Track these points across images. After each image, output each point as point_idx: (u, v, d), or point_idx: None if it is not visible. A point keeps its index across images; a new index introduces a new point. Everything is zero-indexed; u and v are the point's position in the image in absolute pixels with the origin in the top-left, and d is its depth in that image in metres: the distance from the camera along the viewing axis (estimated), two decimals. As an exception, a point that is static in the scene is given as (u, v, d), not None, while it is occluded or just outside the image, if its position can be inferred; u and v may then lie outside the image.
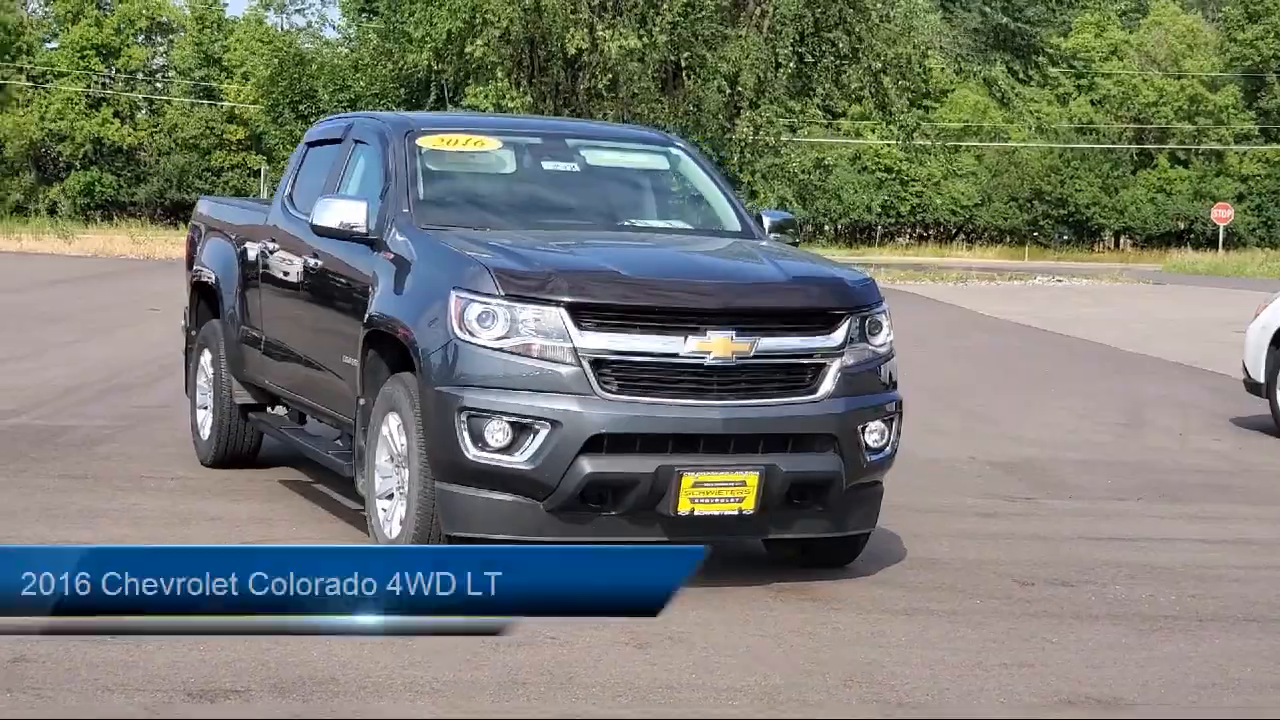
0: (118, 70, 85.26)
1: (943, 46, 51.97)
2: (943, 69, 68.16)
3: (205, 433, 11.19)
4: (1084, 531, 10.17)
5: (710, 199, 9.68)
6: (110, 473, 10.74)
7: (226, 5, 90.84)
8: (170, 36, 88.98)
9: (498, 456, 7.73)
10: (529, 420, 7.70)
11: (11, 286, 30.41)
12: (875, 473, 8.37)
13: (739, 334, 7.89)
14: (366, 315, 8.53)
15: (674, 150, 9.92)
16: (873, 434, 8.27)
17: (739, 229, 9.47)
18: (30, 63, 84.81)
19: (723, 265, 8.58)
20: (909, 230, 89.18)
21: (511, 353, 7.76)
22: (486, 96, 43.71)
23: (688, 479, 7.76)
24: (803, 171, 47.36)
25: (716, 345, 7.84)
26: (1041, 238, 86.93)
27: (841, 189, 75.71)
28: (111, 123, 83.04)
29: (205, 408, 11.23)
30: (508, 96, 43.72)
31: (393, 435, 8.24)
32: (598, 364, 7.75)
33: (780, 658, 7.08)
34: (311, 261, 9.49)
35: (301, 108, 47.15)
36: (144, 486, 10.34)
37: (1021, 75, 62.29)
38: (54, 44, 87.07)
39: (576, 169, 9.58)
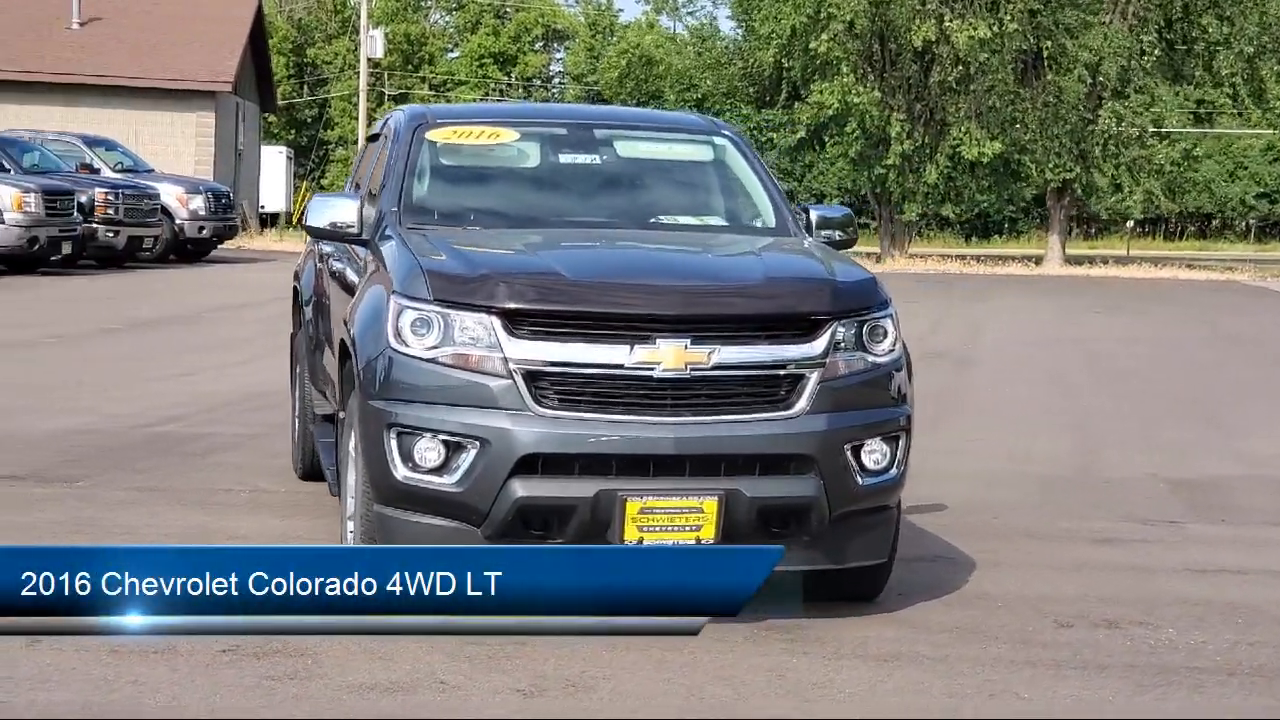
0: (515, 77, 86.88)
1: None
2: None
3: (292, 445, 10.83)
4: (1196, 562, 9.01)
5: (752, 193, 8.81)
6: (192, 484, 10.40)
7: (621, 11, 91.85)
8: (565, 43, 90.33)
9: (429, 478, 7.06)
10: (459, 438, 7.02)
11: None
12: (875, 498, 7.41)
13: (694, 342, 7.06)
14: (343, 322, 7.99)
15: (719, 140, 9.05)
16: (870, 454, 7.34)
17: (774, 225, 8.59)
18: (432, 72, 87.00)
19: (693, 266, 7.75)
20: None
21: (444, 364, 7.08)
22: (832, 92, 42.86)
23: (633, 505, 6.96)
24: (1171, 164, 45.18)
25: (667, 355, 7.02)
26: None
27: (1212, 182, 71.70)
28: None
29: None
30: (853, 91, 42.79)
31: (356, 453, 7.65)
32: (534, 376, 7.01)
33: (675, 708, 6.25)
34: (335, 265, 9.00)
35: (648, 108, 46.99)
36: (209, 500, 9.96)
37: None
38: (455, 53, 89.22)
39: (599, 161, 8.83)
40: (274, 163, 61.11)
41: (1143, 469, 12.08)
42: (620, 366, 7.01)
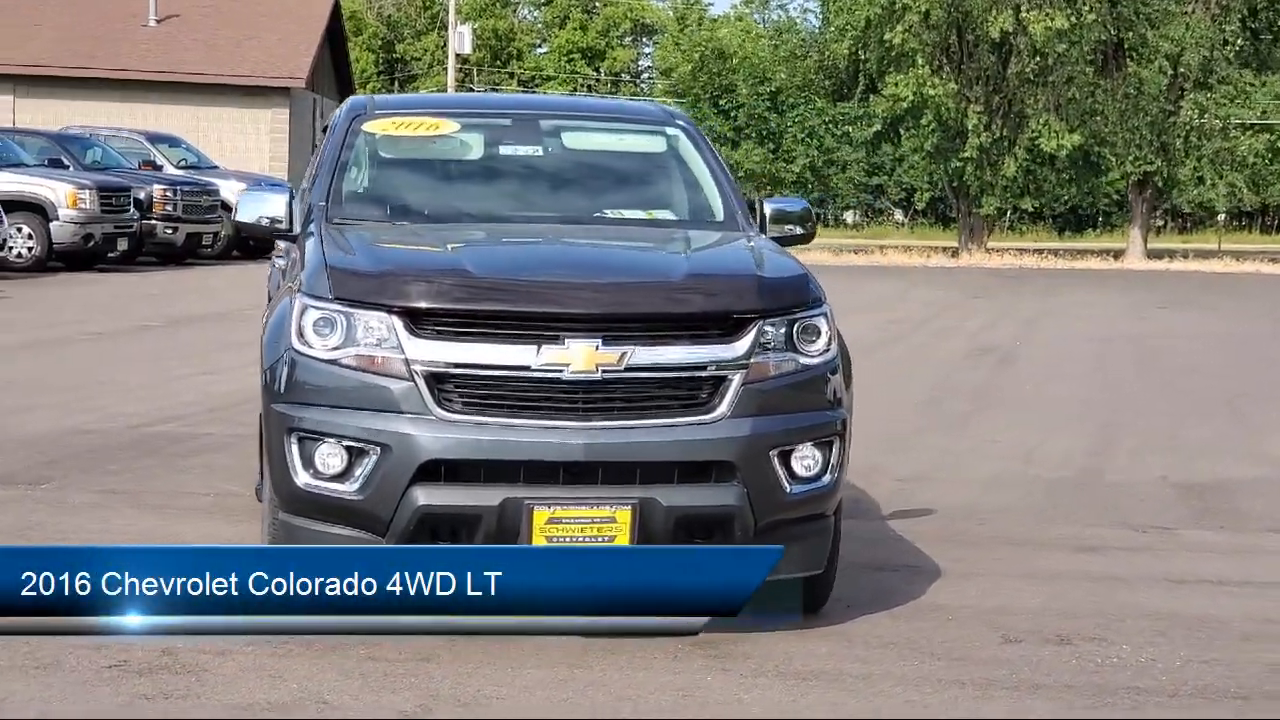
0: (604, 73, 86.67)
1: None
2: None
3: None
4: (1176, 572, 8.57)
5: (703, 185, 8.42)
6: (160, 488, 10.15)
7: (711, 4, 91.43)
8: (653, 37, 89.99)
9: (330, 485, 6.74)
10: (360, 444, 6.70)
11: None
12: (807, 507, 7.02)
13: (606, 343, 6.70)
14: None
15: (672, 130, 8.65)
16: (801, 461, 6.96)
17: (722, 219, 8.22)
18: (520, 67, 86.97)
19: (615, 263, 7.39)
20: None
21: (346, 366, 6.76)
22: (906, 85, 42.30)
23: (540, 514, 6.62)
24: (1255, 156, 44.29)
25: (577, 356, 6.67)
26: None
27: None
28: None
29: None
30: (928, 84, 42.22)
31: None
32: (437, 379, 6.68)
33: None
34: (279, 263, 8.73)
35: (721, 102, 46.59)
36: (170, 504, 9.71)
37: None
38: (543, 49, 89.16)
39: (543, 154, 8.49)
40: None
41: (1154, 471, 11.63)
42: (527, 368, 6.67)
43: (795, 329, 7.01)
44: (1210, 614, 7.74)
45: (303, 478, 6.76)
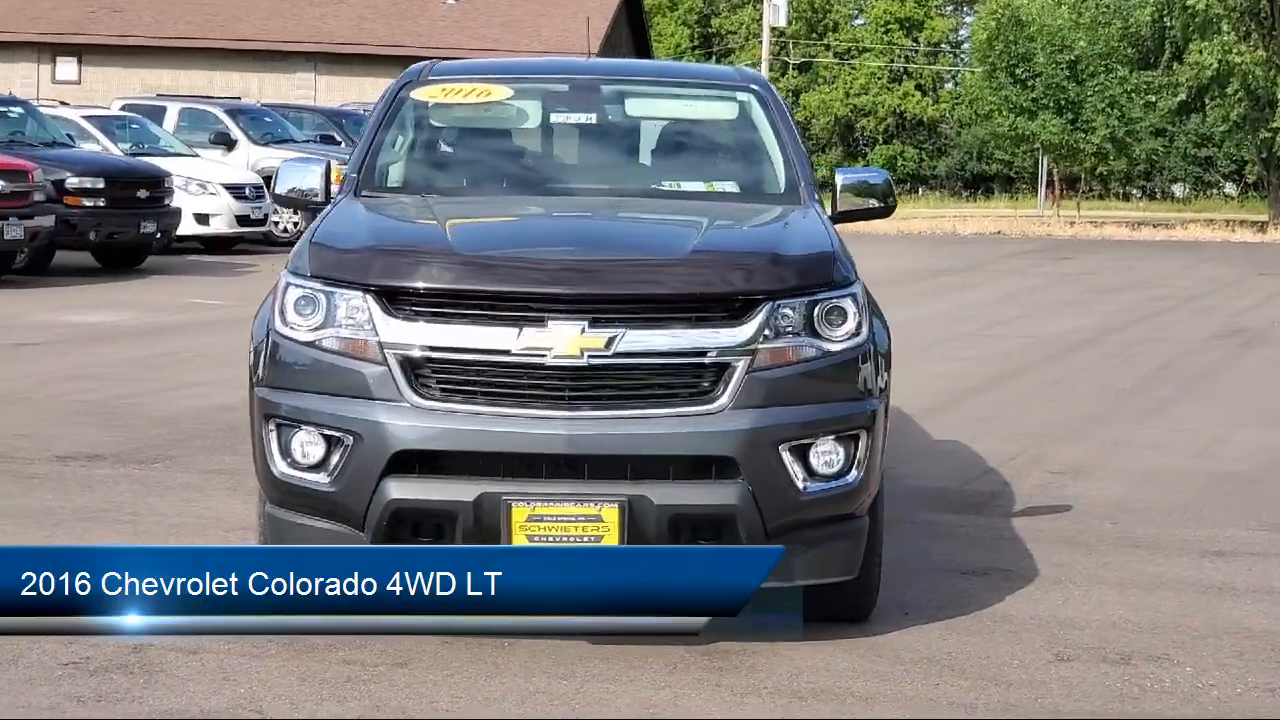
0: (922, 43, 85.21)
1: None
2: None
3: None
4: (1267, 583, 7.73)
5: (770, 155, 7.78)
6: (212, 466, 9.84)
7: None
8: (974, 6, 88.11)
9: (307, 475, 6.33)
10: (334, 432, 6.27)
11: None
12: (828, 507, 6.37)
13: (593, 325, 6.15)
14: None
15: (743, 95, 8.00)
16: (820, 456, 6.33)
17: (783, 191, 7.57)
18: (837, 39, 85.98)
19: (618, 239, 6.81)
20: None
21: (324, 348, 6.33)
22: (1210, 52, 40.48)
23: (519, 511, 6.11)
24: None
25: (560, 340, 6.13)
26: None
27: None
28: (913, 95, 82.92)
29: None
30: (1234, 51, 40.34)
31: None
32: (413, 363, 6.21)
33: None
34: None
35: (1018, 71, 45.16)
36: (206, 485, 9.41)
37: None
38: (860, 20, 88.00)
39: (601, 121, 7.94)
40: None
41: (1191, 462, 10.73)
42: (507, 352, 6.16)
43: (817, 312, 6.38)
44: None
45: (280, 467, 6.37)
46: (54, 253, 22.13)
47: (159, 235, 23.04)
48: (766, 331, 6.25)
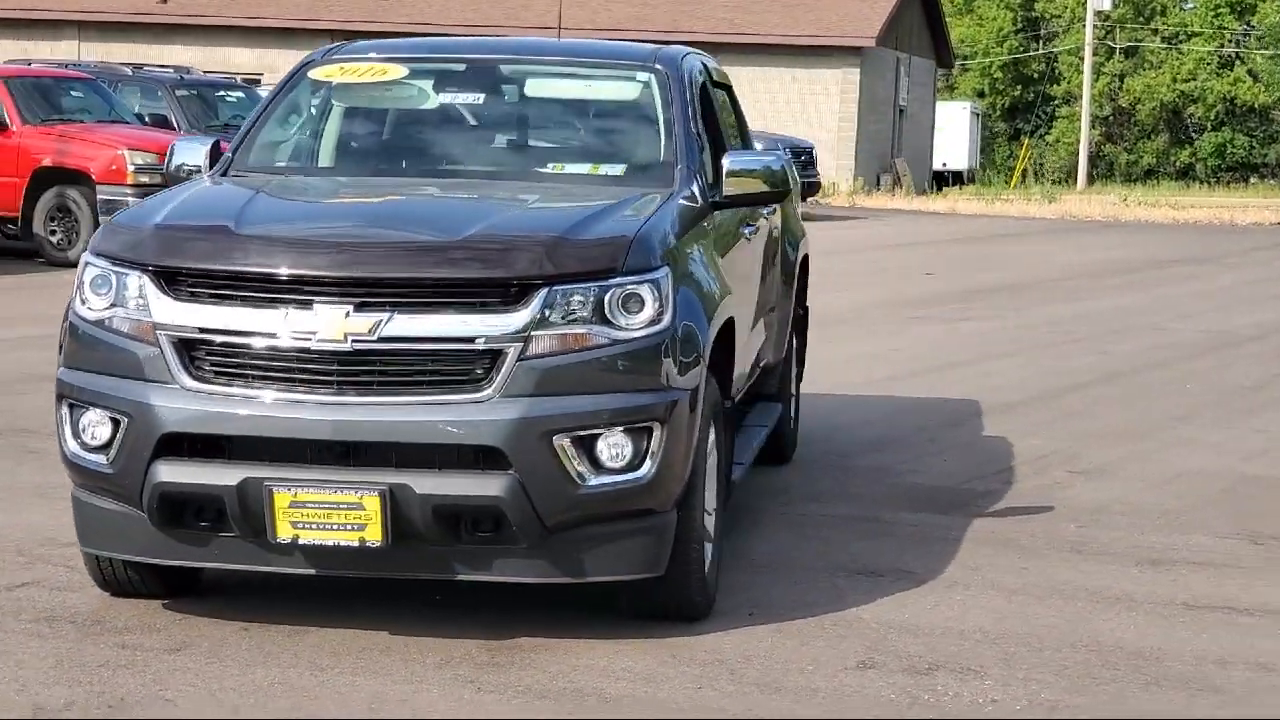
0: (1253, 27, 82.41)
1: None
2: None
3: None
4: (1202, 598, 7.20)
5: (659, 136, 7.48)
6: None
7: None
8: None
9: (92, 456, 6.32)
10: (114, 414, 6.24)
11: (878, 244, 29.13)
12: (616, 502, 6.13)
13: (359, 310, 6.01)
14: None
15: (646, 75, 7.70)
16: (609, 448, 6.09)
17: (660, 175, 7.26)
18: (1164, 23, 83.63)
19: (414, 221, 6.59)
20: None
21: (110, 328, 6.31)
22: None
23: (281, 497, 6.02)
24: None
25: (325, 324, 6.01)
26: None
27: None
28: (1244, 81, 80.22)
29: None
30: None
31: None
32: (186, 345, 6.14)
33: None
34: None
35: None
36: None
37: None
38: (1190, 4, 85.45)
39: (493, 102, 7.76)
40: (956, 119, 60.07)
41: (1229, 463, 10.15)
42: (275, 335, 6.06)
43: (609, 298, 6.13)
44: (1165, 649, 6.44)
45: (71, 447, 6.38)
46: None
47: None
48: (547, 318, 6.03)
